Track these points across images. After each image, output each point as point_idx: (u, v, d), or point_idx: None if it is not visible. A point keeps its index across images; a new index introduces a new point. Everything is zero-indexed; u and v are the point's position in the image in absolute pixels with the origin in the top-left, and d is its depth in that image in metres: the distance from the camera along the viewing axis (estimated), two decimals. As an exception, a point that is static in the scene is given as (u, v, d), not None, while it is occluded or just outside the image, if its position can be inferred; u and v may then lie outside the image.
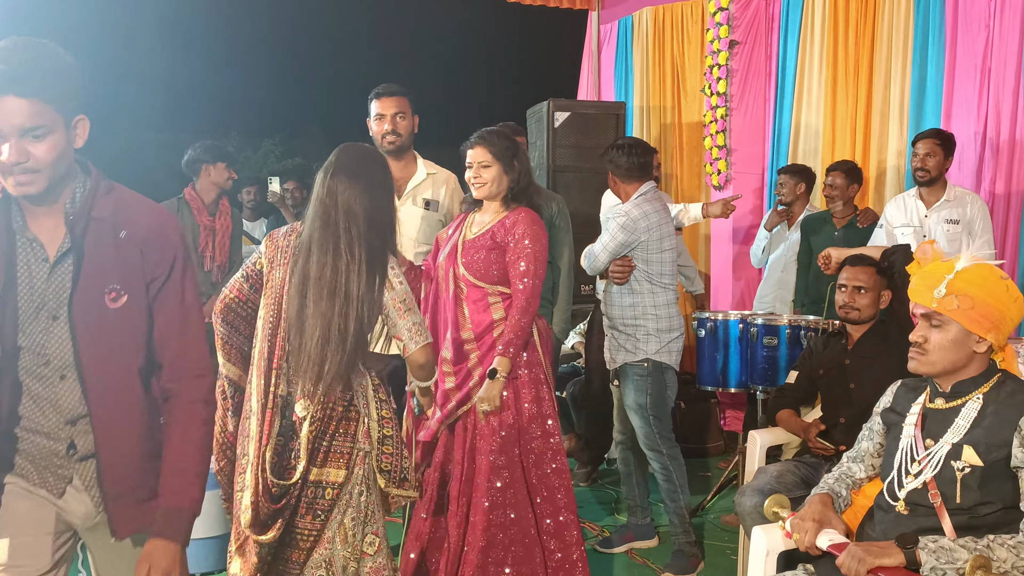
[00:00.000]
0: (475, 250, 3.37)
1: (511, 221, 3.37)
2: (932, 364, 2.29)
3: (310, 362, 2.55)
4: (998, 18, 4.77)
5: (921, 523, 2.25)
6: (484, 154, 3.41)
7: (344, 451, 2.61)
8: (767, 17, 6.16)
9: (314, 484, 2.59)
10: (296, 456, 2.57)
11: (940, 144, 4.48)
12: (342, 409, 2.61)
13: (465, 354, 3.37)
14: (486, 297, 3.36)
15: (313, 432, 2.56)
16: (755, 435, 3.74)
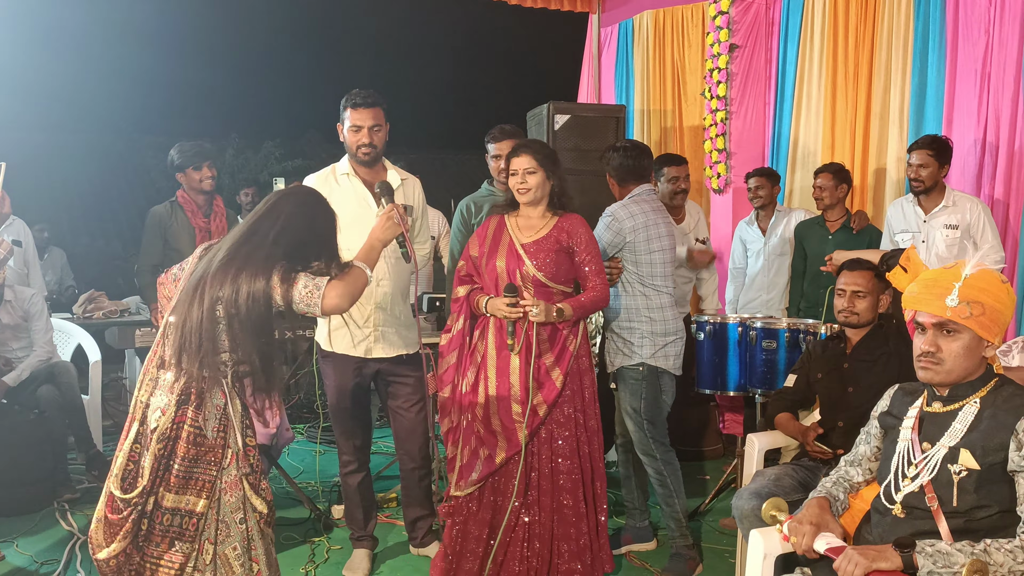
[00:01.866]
0: (544, 252, 3.59)
1: (570, 225, 3.63)
2: (948, 372, 2.29)
3: (180, 372, 2.45)
4: (998, 24, 4.77)
5: (918, 527, 2.25)
6: (529, 161, 3.60)
7: (206, 479, 2.48)
8: (767, 21, 6.17)
9: (171, 511, 2.46)
10: (141, 475, 2.43)
11: (934, 154, 4.47)
12: (194, 432, 2.46)
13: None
14: (552, 297, 3.58)
15: (160, 449, 2.43)
16: (753, 438, 3.74)
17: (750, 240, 5.64)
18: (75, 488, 4.94)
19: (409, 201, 3.97)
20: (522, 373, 3.56)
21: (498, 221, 3.73)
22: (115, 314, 6.53)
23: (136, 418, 2.49)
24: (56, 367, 5.12)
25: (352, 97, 3.81)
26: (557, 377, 3.58)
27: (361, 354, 3.86)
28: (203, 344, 2.44)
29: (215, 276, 2.48)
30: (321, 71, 12.98)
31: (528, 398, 3.53)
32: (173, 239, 4.81)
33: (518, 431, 3.55)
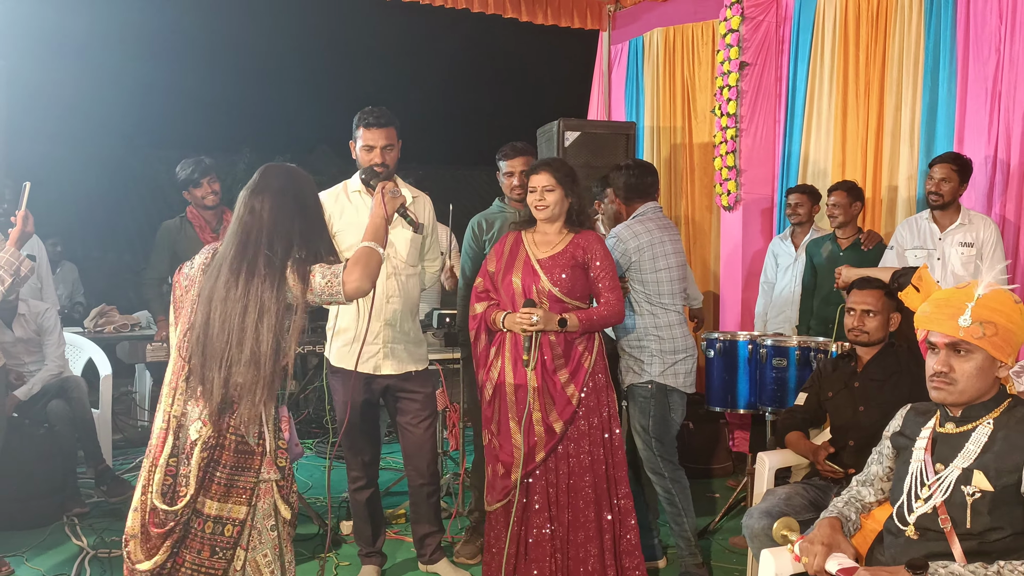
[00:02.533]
0: (559, 268, 3.62)
1: (586, 242, 3.66)
2: (961, 393, 2.28)
3: (214, 383, 2.45)
4: (1008, 42, 4.77)
5: (931, 548, 2.24)
6: (548, 179, 3.64)
7: (247, 486, 2.53)
8: (777, 39, 6.18)
9: (213, 519, 2.50)
10: (185, 483, 2.47)
11: (957, 170, 4.49)
12: (236, 440, 2.51)
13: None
14: (566, 311, 3.60)
15: (204, 459, 2.47)
16: (764, 457, 3.73)
17: (781, 255, 5.64)
18: (84, 502, 4.95)
19: (420, 218, 3.98)
20: (537, 390, 3.57)
21: (515, 237, 3.77)
22: (126, 328, 6.55)
23: (170, 430, 2.50)
24: (67, 381, 5.13)
25: (365, 116, 3.80)
26: (572, 394, 3.59)
27: (370, 370, 3.86)
28: (231, 355, 2.45)
29: (228, 292, 2.49)
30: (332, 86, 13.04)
31: (545, 415, 3.56)
32: (183, 254, 4.85)
33: (535, 449, 3.57)
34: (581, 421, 3.62)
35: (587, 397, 3.63)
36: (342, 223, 3.83)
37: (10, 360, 5.01)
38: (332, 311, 3.93)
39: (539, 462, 3.57)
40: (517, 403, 3.61)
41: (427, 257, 4.05)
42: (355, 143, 3.88)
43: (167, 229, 4.94)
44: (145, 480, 2.50)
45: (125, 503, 5.00)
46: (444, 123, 10.95)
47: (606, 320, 3.65)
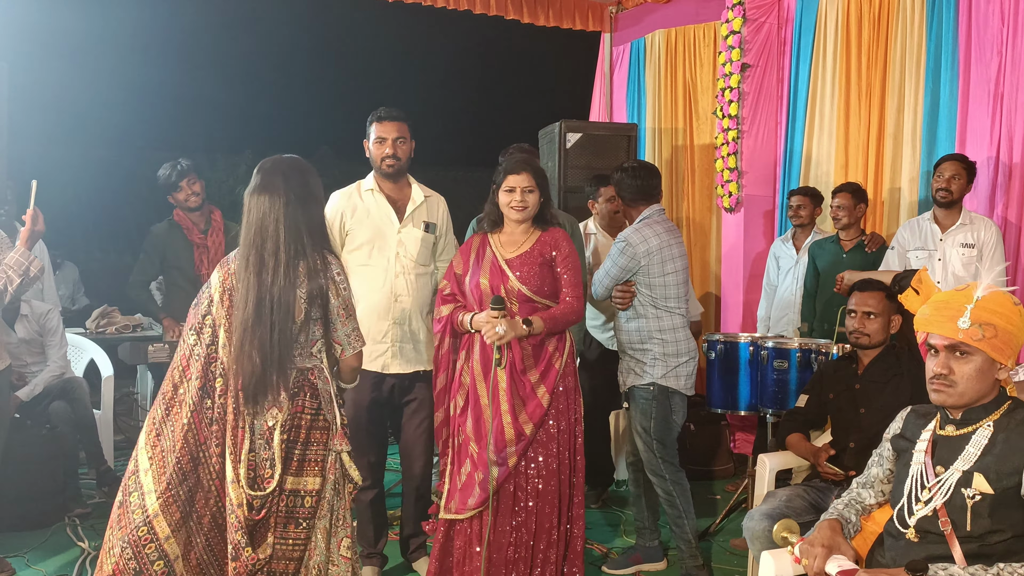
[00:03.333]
0: (527, 266, 3.59)
1: (552, 238, 3.64)
2: (961, 395, 2.28)
3: (256, 377, 2.65)
4: (1010, 44, 4.77)
5: (931, 550, 2.24)
6: (530, 180, 3.61)
7: (318, 459, 2.75)
8: (779, 40, 6.18)
9: (292, 493, 2.71)
10: (271, 465, 2.68)
11: (965, 168, 4.53)
12: (310, 417, 2.75)
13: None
14: (536, 310, 3.57)
15: (285, 440, 2.69)
16: (764, 459, 3.72)
17: (783, 257, 5.63)
18: (86, 503, 4.95)
19: (432, 219, 4.02)
20: (507, 391, 3.53)
21: (481, 239, 3.73)
22: (128, 329, 6.56)
23: (245, 427, 2.68)
24: (69, 382, 5.14)
25: (377, 112, 3.95)
26: (543, 395, 3.56)
27: (378, 369, 3.87)
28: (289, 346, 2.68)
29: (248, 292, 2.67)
30: (334, 88, 13.06)
31: (515, 417, 3.51)
32: (172, 256, 4.89)
33: (508, 454, 3.52)
34: (550, 423, 3.58)
35: (556, 399, 3.59)
36: (353, 221, 3.92)
37: (12, 361, 5.01)
38: None
39: (511, 466, 3.52)
40: (493, 406, 3.54)
41: (441, 258, 4.07)
42: (368, 140, 3.97)
43: (155, 234, 4.96)
44: (233, 478, 2.64)
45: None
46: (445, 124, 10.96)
47: (567, 317, 3.59)
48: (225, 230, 5.01)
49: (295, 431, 2.72)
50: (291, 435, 2.71)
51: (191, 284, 4.87)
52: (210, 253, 4.89)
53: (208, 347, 2.74)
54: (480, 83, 13.43)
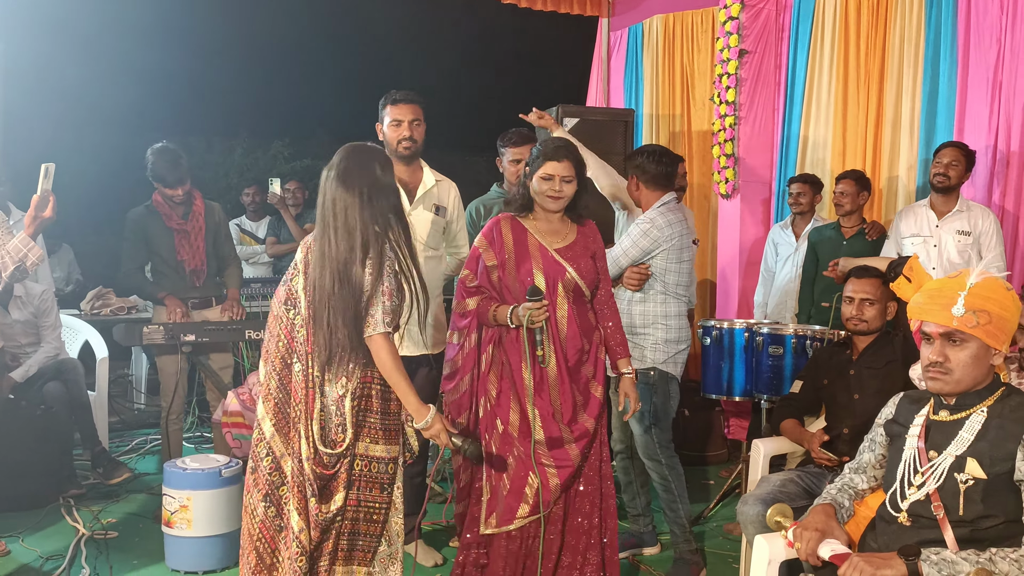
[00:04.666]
0: (581, 259, 3.38)
1: (591, 232, 3.47)
2: (957, 382, 2.28)
3: (326, 346, 2.82)
4: (1010, 31, 4.76)
5: (924, 535, 2.25)
6: (570, 169, 3.34)
7: (395, 428, 2.96)
8: (777, 27, 6.16)
9: (369, 459, 2.91)
10: (342, 430, 2.86)
11: (964, 156, 4.54)
12: (380, 388, 2.91)
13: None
14: (586, 304, 3.42)
15: (355, 407, 2.86)
16: (759, 444, 3.74)
17: (782, 244, 5.63)
18: (81, 484, 4.96)
19: (443, 203, 4.02)
20: (562, 388, 3.31)
21: (512, 225, 3.40)
22: (123, 311, 6.55)
23: (316, 390, 2.86)
24: (63, 363, 5.13)
25: (392, 95, 3.93)
26: (596, 389, 3.39)
27: None
28: (358, 319, 2.84)
29: (321, 272, 2.85)
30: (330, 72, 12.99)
31: (575, 414, 3.31)
32: (154, 242, 4.79)
33: (569, 452, 3.29)
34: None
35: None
36: None
37: (7, 342, 5.01)
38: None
39: (576, 465, 3.29)
40: (539, 405, 3.27)
41: (454, 243, 4.06)
42: (381, 124, 3.96)
43: (134, 219, 4.82)
44: (306, 436, 2.84)
45: (121, 485, 5.03)
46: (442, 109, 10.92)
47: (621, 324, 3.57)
48: (207, 213, 4.88)
49: (365, 400, 2.89)
50: (361, 403, 2.88)
51: (173, 269, 4.81)
52: (190, 238, 4.79)
53: (296, 317, 2.94)
54: (476, 67, 13.38)
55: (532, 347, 3.24)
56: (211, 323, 4.77)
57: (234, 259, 5.11)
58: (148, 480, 5.31)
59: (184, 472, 3.95)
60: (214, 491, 3.95)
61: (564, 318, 3.34)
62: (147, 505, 4.82)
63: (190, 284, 4.83)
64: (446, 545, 4.29)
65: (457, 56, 13.42)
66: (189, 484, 3.92)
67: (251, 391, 4.51)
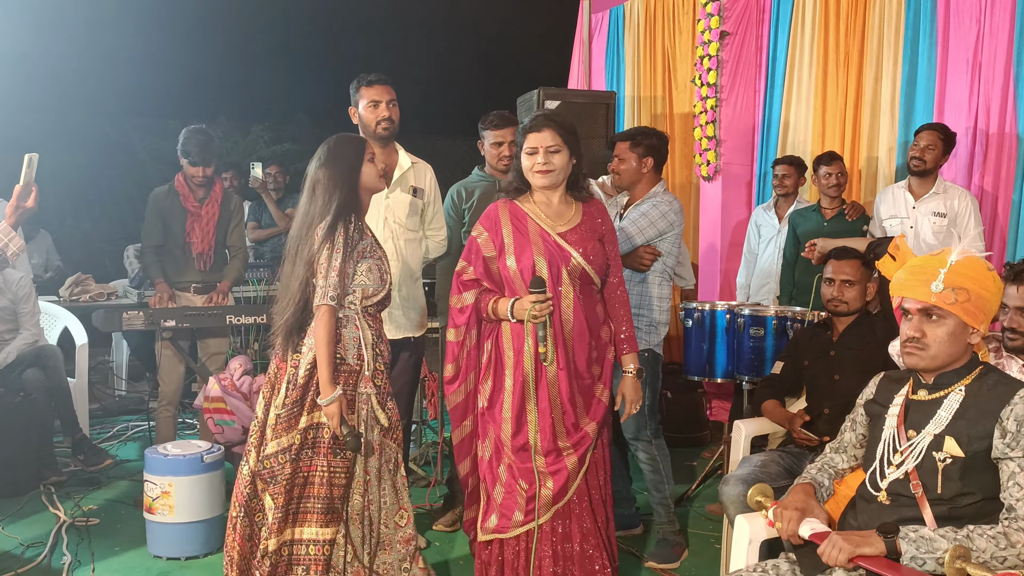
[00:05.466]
0: (587, 241, 3.09)
1: (598, 210, 3.20)
2: (933, 358, 2.30)
3: (282, 321, 3.07)
4: (989, 13, 4.77)
5: (903, 513, 2.27)
6: (553, 137, 3.06)
7: (348, 399, 3.04)
8: (758, 9, 6.16)
9: (317, 427, 3.03)
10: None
11: (942, 138, 4.56)
12: (338, 361, 3.03)
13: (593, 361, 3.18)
14: (594, 292, 3.17)
15: (306, 378, 3.03)
16: (740, 425, 3.76)
17: (765, 226, 5.64)
18: (61, 471, 4.93)
19: (420, 184, 4.01)
20: (563, 389, 3.08)
21: (511, 210, 3.15)
22: (102, 297, 6.50)
23: (287, 364, 3.09)
24: (42, 350, 5.09)
25: (364, 77, 3.92)
26: (603, 393, 3.17)
27: None
28: (294, 313, 3.05)
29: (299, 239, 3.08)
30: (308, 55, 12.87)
31: (577, 419, 3.10)
32: (169, 221, 4.84)
33: (566, 458, 3.09)
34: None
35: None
36: None
37: (-16, 329, 4.97)
38: None
39: (579, 478, 3.11)
40: (539, 405, 3.09)
41: (431, 226, 4.05)
42: (356, 107, 3.94)
43: (155, 197, 4.90)
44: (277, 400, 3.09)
45: (102, 472, 5.01)
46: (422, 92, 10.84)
47: (631, 314, 3.33)
48: (224, 200, 4.94)
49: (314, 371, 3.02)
50: (313, 375, 3.02)
51: (180, 250, 4.85)
52: (202, 222, 4.84)
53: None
54: (458, 50, 13.30)
55: (535, 343, 3.04)
56: (191, 309, 4.74)
57: (241, 251, 5.14)
58: (129, 466, 5.29)
59: (165, 458, 3.94)
60: (196, 477, 3.94)
61: (570, 309, 3.08)
62: (128, 491, 4.80)
63: (195, 267, 4.84)
64: (429, 528, 4.29)
65: (438, 39, 13.34)
66: (170, 470, 3.90)
67: (232, 376, 4.49)
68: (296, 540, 3.06)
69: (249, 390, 4.51)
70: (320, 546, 3.05)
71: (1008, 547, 2.06)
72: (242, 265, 5.14)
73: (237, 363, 4.58)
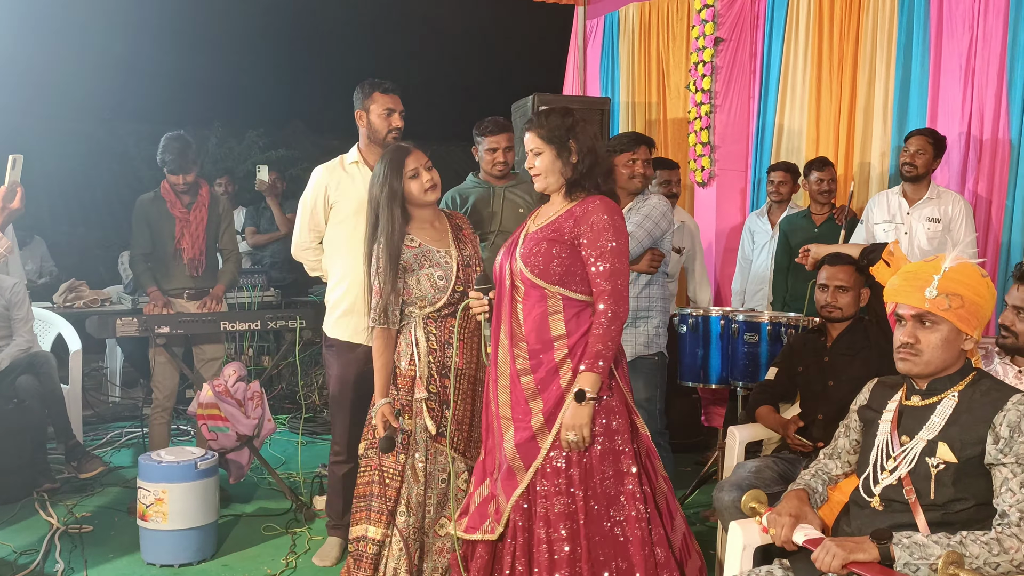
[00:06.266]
0: (535, 242, 2.88)
1: (581, 211, 2.86)
2: (927, 364, 2.30)
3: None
4: (982, 19, 4.79)
5: (896, 519, 2.27)
6: (534, 140, 2.93)
7: (404, 403, 3.38)
8: (752, 15, 6.17)
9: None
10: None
11: (932, 143, 4.56)
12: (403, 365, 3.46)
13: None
14: (544, 300, 2.83)
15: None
16: (734, 431, 3.75)
17: (758, 232, 5.65)
18: (55, 478, 4.92)
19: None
20: (510, 394, 2.91)
21: (531, 214, 3.13)
22: (96, 303, 6.49)
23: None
24: (36, 357, 5.08)
25: (381, 83, 3.87)
26: (537, 413, 2.85)
27: (363, 341, 3.86)
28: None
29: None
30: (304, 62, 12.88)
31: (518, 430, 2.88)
32: (156, 228, 4.83)
33: (516, 476, 2.88)
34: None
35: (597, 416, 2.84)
36: (338, 194, 3.90)
37: (-23, 335, 4.95)
38: (331, 283, 3.97)
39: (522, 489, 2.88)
40: (497, 410, 2.98)
41: None
42: (366, 112, 3.89)
43: (141, 204, 4.89)
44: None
45: (95, 479, 4.99)
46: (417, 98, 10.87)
47: (610, 335, 2.77)
48: (211, 205, 4.93)
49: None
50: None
51: (171, 257, 4.84)
52: (191, 227, 4.82)
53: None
54: (452, 56, 13.32)
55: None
56: (185, 315, 4.74)
57: (233, 254, 5.13)
58: (123, 473, 5.27)
59: (159, 465, 3.93)
60: (189, 484, 3.93)
61: (506, 311, 2.93)
62: (122, 498, 4.79)
63: (187, 274, 4.83)
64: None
65: (432, 44, 13.35)
66: (164, 477, 3.89)
67: (226, 383, 4.48)
68: (357, 537, 3.43)
69: (243, 396, 4.50)
70: (368, 544, 3.35)
71: (1001, 553, 2.07)
72: (235, 268, 5.13)
73: (231, 369, 4.57)
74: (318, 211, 3.92)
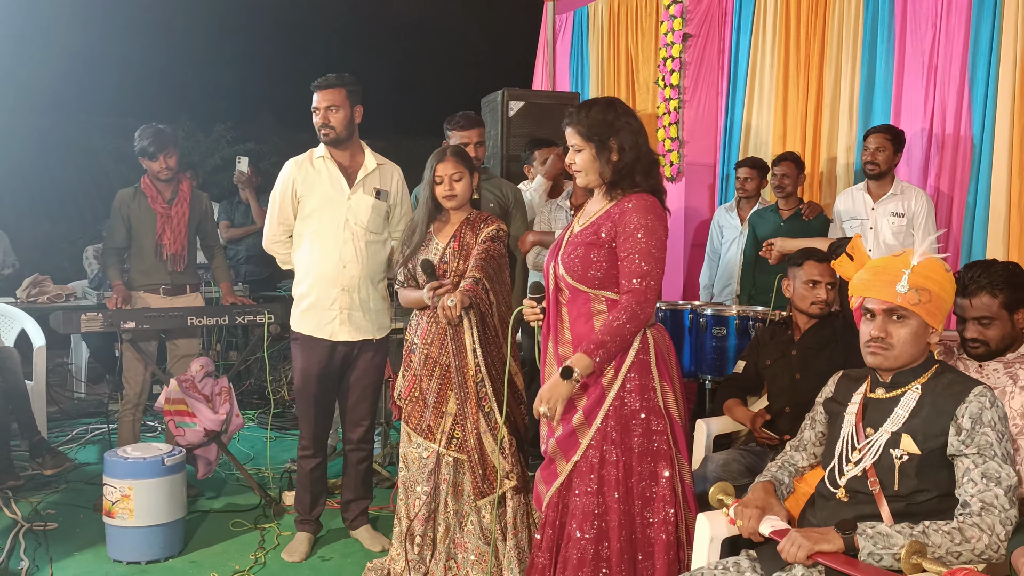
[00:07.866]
0: (574, 246, 2.83)
1: (619, 211, 2.79)
2: (896, 358, 2.33)
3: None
4: (944, 17, 4.86)
5: (861, 510, 2.30)
6: (574, 136, 2.85)
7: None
8: (720, 11, 6.21)
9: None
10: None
11: (891, 139, 4.61)
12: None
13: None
14: (589, 304, 2.81)
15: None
16: (702, 424, 3.78)
17: (727, 227, 5.67)
18: (19, 475, 4.84)
19: (385, 186, 3.99)
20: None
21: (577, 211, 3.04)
22: (60, 298, 6.41)
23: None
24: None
25: (315, 82, 3.89)
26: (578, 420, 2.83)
27: (327, 336, 3.86)
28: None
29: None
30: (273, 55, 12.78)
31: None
32: (136, 223, 4.77)
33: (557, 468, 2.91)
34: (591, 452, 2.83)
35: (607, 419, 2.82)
36: (304, 188, 3.90)
37: (-62, 331, 4.87)
38: (297, 276, 3.98)
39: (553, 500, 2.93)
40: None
41: (398, 228, 4.04)
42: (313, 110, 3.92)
43: (121, 199, 4.82)
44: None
45: (60, 475, 4.93)
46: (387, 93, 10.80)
47: (620, 330, 2.71)
48: (192, 200, 4.89)
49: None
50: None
51: (152, 253, 4.78)
52: (173, 223, 4.78)
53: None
54: (421, 50, 13.27)
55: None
56: (152, 310, 4.69)
57: (219, 248, 5.16)
58: (89, 470, 5.22)
59: (125, 461, 3.89)
60: (156, 480, 3.90)
61: (555, 315, 2.91)
62: (88, 495, 4.74)
63: (165, 269, 4.78)
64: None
65: (402, 39, 13.30)
66: (130, 473, 3.86)
67: (194, 378, 4.44)
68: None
69: (211, 392, 4.46)
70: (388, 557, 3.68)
71: (963, 542, 2.10)
72: (225, 261, 5.23)
73: (199, 364, 4.54)
74: (286, 205, 3.92)
